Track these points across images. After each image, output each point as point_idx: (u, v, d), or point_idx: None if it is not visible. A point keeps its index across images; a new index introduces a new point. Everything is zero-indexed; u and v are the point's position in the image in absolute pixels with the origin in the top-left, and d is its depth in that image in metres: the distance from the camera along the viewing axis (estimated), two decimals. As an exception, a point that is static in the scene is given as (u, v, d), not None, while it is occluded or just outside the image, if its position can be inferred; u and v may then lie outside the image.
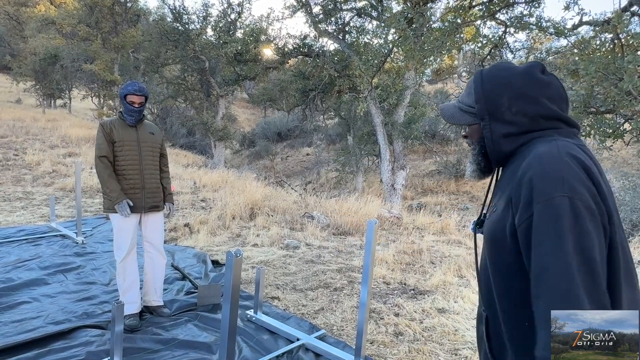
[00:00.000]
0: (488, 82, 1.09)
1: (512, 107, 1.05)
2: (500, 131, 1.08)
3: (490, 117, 1.09)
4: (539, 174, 0.93)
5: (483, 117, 1.10)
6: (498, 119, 1.08)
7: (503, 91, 1.06)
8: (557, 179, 0.90)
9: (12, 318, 2.96)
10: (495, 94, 1.07)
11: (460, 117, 1.17)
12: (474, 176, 1.21)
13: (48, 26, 20.86)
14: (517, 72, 1.07)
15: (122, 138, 2.96)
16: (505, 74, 1.08)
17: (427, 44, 7.99)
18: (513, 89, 1.05)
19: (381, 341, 2.90)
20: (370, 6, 11.81)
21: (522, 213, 0.94)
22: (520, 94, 1.05)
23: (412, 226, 6.45)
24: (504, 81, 1.07)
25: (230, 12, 16.08)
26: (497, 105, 1.07)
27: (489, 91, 1.08)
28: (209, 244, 5.16)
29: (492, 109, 1.08)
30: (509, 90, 1.06)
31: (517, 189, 0.97)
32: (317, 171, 19.23)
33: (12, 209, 6.46)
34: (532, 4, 7.90)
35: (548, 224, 0.89)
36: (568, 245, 0.86)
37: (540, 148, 0.99)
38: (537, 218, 0.90)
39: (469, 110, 1.14)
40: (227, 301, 1.84)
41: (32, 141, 12.82)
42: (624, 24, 5.63)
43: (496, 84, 1.08)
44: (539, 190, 0.91)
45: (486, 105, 1.09)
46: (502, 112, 1.07)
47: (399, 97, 11.63)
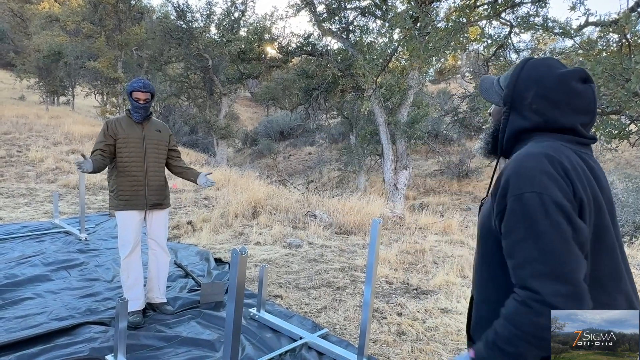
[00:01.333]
0: (524, 73, 1.10)
1: (533, 104, 1.07)
2: (515, 123, 1.11)
3: (511, 106, 1.11)
4: (514, 171, 0.98)
5: (506, 103, 1.13)
6: (517, 111, 1.10)
7: (532, 86, 1.08)
8: (528, 176, 0.95)
9: (16, 314, 2.97)
10: (524, 87, 1.09)
11: (491, 94, 1.20)
12: (480, 152, 1.26)
13: (52, 23, 20.88)
14: (553, 73, 1.07)
15: (127, 135, 2.97)
16: (542, 70, 1.09)
17: (432, 43, 7.96)
18: (541, 87, 1.07)
19: (384, 340, 2.89)
20: (374, 5, 11.78)
21: (498, 205, 1.00)
22: (546, 94, 1.06)
23: (415, 226, 6.44)
24: (536, 77, 1.08)
25: (234, 11, 16.07)
26: (522, 97, 1.09)
27: (521, 82, 1.10)
28: (211, 242, 5.16)
29: (516, 99, 1.10)
30: (537, 87, 1.07)
31: (497, 184, 1.03)
32: (319, 170, 19.22)
33: (16, 205, 6.48)
34: (538, 4, 7.86)
35: (516, 217, 0.95)
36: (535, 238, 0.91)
37: (529, 147, 1.03)
38: (507, 210, 0.97)
39: (499, 91, 1.17)
40: (232, 298, 1.83)
41: (36, 138, 12.86)
42: (632, 24, 5.59)
43: (529, 78, 1.09)
44: (512, 185, 0.97)
45: (513, 93, 1.11)
46: (523, 106, 1.09)
47: (402, 97, 11.60)
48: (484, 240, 1.09)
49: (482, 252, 1.11)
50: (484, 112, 9.02)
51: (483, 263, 1.10)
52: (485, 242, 1.09)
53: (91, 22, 18.79)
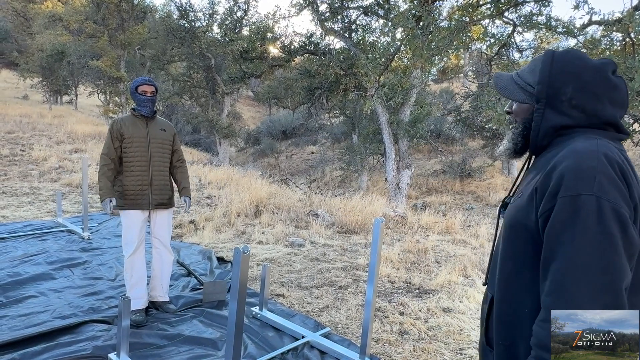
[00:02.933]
0: (558, 67, 1.03)
1: (573, 100, 1.01)
2: (552, 120, 1.04)
3: (547, 103, 1.04)
4: (572, 168, 0.91)
5: (539, 100, 1.05)
6: (554, 107, 1.03)
7: (569, 80, 1.01)
8: (589, 176, 0.88)
9: (19, 312, 2.98)
10: (561, 81, 1.02)
11: (514, 91, 1.11)
12: (506, 154, 1.16)
13: (55, 23, 20.93)
14: (589, 66, 1.02)
15: (132, 134, 2.97)
16: (578, 63, 1.02)
17: (435, 42, 7.94)
18: (580, 81, 1.01)
19: (386, 340, 2.89)
20: (376, 4, 11.76)
21: (545, 203, 0.93)
22: (586, 88, 1.00)
23: (417, 225, 6.43)
24: (574, 70, 1.02)
25: (237, 10, 16.07)
26: (558, 92, 1.02)
27: (556, 76, 1.03)
28: (214, 241, 5.17)
29: (552, 94, 1.03)
30: (576, 81, 1.01)
31: (545, 180, 0.95)
32: (321, 169, 19.22)
33: (19, 204, 6.50)
34: (541, 3, 7.83)
35: (568, 219, 0.88)
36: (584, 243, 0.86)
37: (579, 143, 0.96)
38: (557, 210, 0.90)
39: (526, 87, 1.09)
40: (234, 297, 1.84)
41: (39, 137, 12.90)
42: (635, 23, 5.56)
43: (565, 72, 1.02)
44: (567, 185, 0.90)
45: (548, 89, 1.03)
46: (561, 101, 1.02)
47: (404, 96, 11.58)
48: (513, 237, 1.03)
49: (507, 249, 1.05)
50: (486, 111, 8.99)
51: (508, 260, 1.05)
52: (514, 238, 1.03)
53: (94, 21, 18.84)
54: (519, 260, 1.02)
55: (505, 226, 1.08)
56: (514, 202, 1.08)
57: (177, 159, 3.23)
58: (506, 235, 1.07)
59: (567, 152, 0.95)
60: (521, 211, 1.01)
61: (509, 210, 1.09)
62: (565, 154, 0.95)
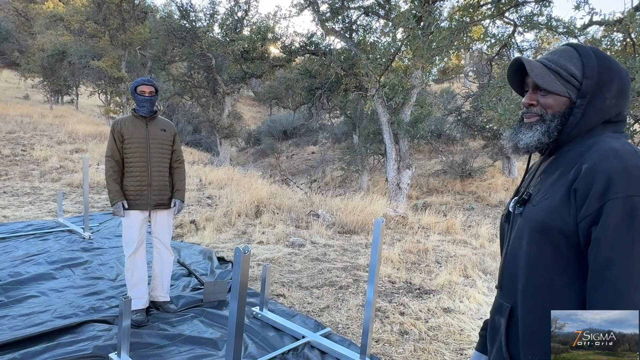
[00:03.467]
0: (602, 62, 1.00)
1: (614, 99, 0.99)
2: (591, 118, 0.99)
3: (592, 98, 0.99)
4: (620, 169, 0.87)
5: (585, 95, 0.99)
6: (596, 104, 0.99)
7: (614, 78, 0.99)
8: (638, 177, 0.86)
9: (20, 312, 2.99)
10: (608, 78, 0.99)
11: (551, 81, 1.02)
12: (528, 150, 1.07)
13: (56, 23, 20.98)
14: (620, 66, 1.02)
15: (132, 135, 2.98)
16: (614, 62, 1.01)
17: (436, 42, 7.95)
18: (621, 80, 1.00)
19: (387, 340, 2.89)
20: (377, 5, 11.77)
21: (588, 206, 0.89)
22: (624, 87, 1.00)
23: (418, 225, 6.43)
24: (616, 69, 1.00)
25: (237, 10, 16.09)
26: (605, 89, 0.99)
27: (603, 72, 0.99)
28: (214, 241, 5.18)
29: (598, 90, 0.99)
30: (619, 80, 0.99)
31: (585, 181, 0.90)
32: (322, 169, 19.23)
33: (20, 204, 6.51)
34: (542, 3, 7.83)
35: (622, 221, 0.85)
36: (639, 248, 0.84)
37: (611, 142, 0.93)
38: (609, 212, 0.86)
39: (569, 79, 1.01)
40: (234, 297, 1.84)
41: (40, 137, 12.92)
42: (636, 23, 5.57)
43: (609, 69, 0.99)
44: (617, 186, 0.86)
45: (597, 84, 0.98)
46: (604, 99, 0.99)
47: (405, 96, 11.59)
48: (542, 241, 0.97)
49: (534, 255, 0.99)
50: (487, 111, 8.99)
51: (536, 266, 0.98)
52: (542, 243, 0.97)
53: (95, 21, 18.88)
54: (550, 266, 0.96)
55: (531, 230, 1.00)
56: (539, 204, 1.00)
57: (175, 159, 3.20)
58: (533, 240, 0.99)
59: (604, 151, 0.91)
60: (553, 214, 0.95)
61: (534, 212, 1.00)
62: (603, 153, 0.91)
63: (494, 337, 1.11)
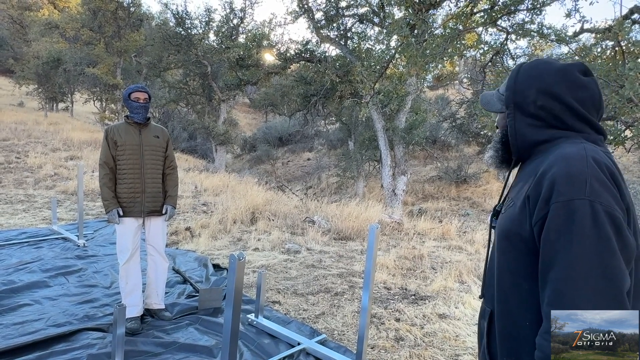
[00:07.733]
0: (522, 74, 1.09)
1: (538, 101, 1.05)
2: (523, 122, 1.08)
3: (515, 107, 1.09)
4: (563, 174, 0.90)
5: (508, 106, 1.10)
6: (523, 111, 1.08)
7: (532, 84, 1.06)
8: (580, 181, 0.88)
9: (13, 320, 2.97)
10: (525, 86, 1.07)
11: (494, 104, 1.18)
12: (490, 162, 1.21)
13: (51, 30, 20.96)
14: (552, 68, 1.05)
15: (125, 142, 2.98)
16: (541, 67, 1.07)
17: (429, 50, 8.02)
18: (542, 83, 1.05)
19: (382, 346, 2.90)
20: (372, 12, 11.88)
21: (538, 211, 0.93)
22: (548, 89, 1.04)
23: (413, 231, 6.45)
24: (536, 74, 1.07)
25: (233, 18, 16.17)
26: (524, 96, 1.07)
27: (520, 82, 1.09)
28: (210, 248, 5.16)
29: (518, 99, 1.08)
30: (538, 83, 1.05)
31: (536, 187, 0.95)
32: (318, 176, 19.24)
33: (14, 212, 6.47)
34: (533, 12, 7.94)
35: (563, 224, 0.87)
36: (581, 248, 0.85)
37: (566, 148, 0.97)
38: (551, 216, 0.89)
39: (500, 97, 1.16)
40: (229, 304, 1.84)
41: (34, 144, 12.86)
42: (625, 31, 5.66)
43: (528, 77, 1.08)
44: (559, 190, 0.89)
45: (514, 95, 1.09)
46: (527, 104, 1.07)
47: (400, 103, 11.67)
48: (507, 248, 1.02)
49: (503, 261, 1.03)
50: (480, 117, 9.07)
51: (504, 272, 1.03)
52: (508, 249, 1.01)
53: (90, 28, 18.88)
54: (515, 271, 1.00)
55: (499, 237, 1.06)
56: (505, 212, 1.06)
57: (167, 165, 3.21)
58: (501, 247, 1.04)
59: (555, 157, 0.95)
60: (514, 221, 0.99)
61: (501, 220, 1.07)
62: (554, 159, 0.95)
63: (479, 340, 1.17)
